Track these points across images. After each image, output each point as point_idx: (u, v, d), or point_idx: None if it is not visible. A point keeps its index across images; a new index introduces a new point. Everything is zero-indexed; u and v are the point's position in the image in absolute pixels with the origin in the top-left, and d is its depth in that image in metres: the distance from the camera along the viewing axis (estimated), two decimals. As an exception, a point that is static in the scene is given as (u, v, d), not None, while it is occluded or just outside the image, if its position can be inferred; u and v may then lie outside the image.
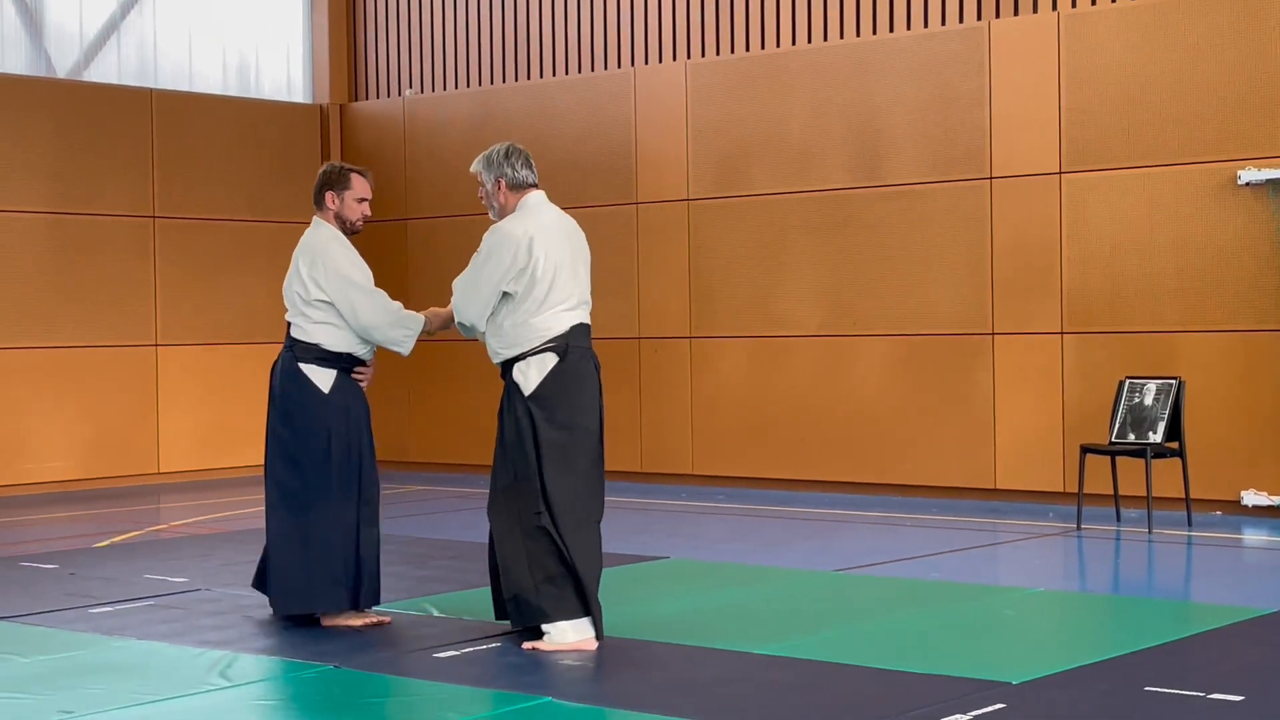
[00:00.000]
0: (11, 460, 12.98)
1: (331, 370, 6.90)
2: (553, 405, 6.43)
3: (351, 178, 7.05)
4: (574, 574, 6.36)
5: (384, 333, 6.91)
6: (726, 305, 12.76)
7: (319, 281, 6.87)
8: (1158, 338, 10.87)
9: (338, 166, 7.13)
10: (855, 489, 12.15)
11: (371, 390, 7.13)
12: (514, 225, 6.55)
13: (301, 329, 6.92)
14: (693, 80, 12.94)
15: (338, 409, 6.89)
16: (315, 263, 6.89)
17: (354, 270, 6.91)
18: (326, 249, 6.92)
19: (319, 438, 6.86)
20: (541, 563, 6.37)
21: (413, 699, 5.66)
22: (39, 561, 9.04)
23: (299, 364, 6.90)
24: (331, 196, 7.02)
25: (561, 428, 6.42)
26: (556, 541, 6.35)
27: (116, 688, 5.86)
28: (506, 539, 6.46)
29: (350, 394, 6.95)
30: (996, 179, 11.49)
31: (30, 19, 13.61)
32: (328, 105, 15.17)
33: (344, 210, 7.02)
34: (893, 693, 5.63)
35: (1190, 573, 8.82)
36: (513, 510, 6.45)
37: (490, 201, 6.73)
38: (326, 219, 7.03)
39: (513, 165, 6.71)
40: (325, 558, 6.84)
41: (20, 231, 13.07)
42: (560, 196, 13.75)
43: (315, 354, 6.90)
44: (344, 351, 6.93)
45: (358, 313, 6.86)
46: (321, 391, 6.89)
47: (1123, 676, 5.81)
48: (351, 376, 6.96)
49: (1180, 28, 10.77)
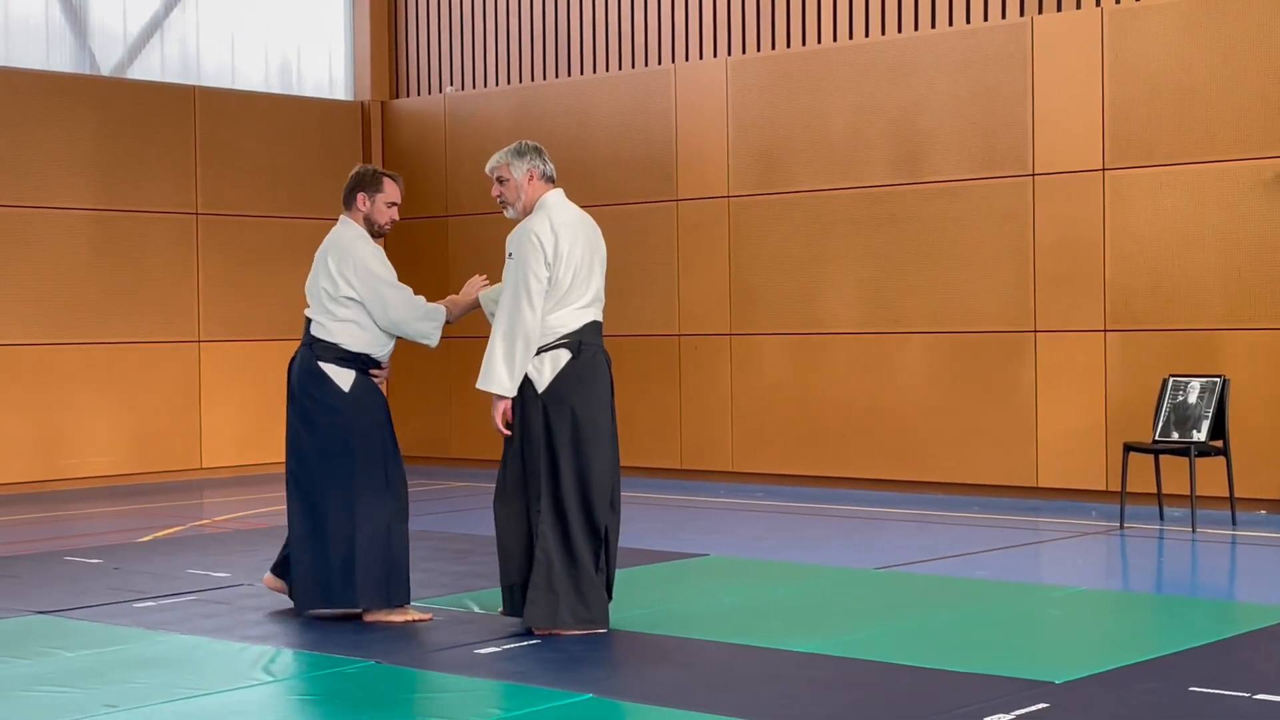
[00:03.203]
0: (56, 455, 13.08)
1: (351, 370, 6.95)
2: (565, 401, 6.54)
3: (384, 181, 7.11)
4: (577, 568, 6.53)
5: (413, 326, 6.99)
6: (767, 302, 12.74)
7: (348, 278, 6.92)
8: (1202, 335, 10.79)
9: (371, 169, 7.20)
10: (896, 486, 12.12)
11: (413, 386, 7.20)
12: (539, 225, 6.60)
13: (324, 327, 6.97)
14: (734, 77, 12.93)
15: (359, 408, 6.93)
16: (344, 259, 6.94)
17: (382, 268, 6.99)
18: (355, 246, 6.97)
19: (342, 437, 6.91)
20: (546, 558, 6.50)
21: (454, 695, 5.67)
22: (83, 556, 9.10)
23: (319, 363, 6.95)
24: (363, 198, 7.06)
25: (574, 424, 6.53)
26: (560, 537, 6.51)
27: (160, 682, 5.89)
28: (511, 530, 6.61)
29: (369, 393, 6.99)
30: (1039, 175, 11.43)
31: (75, 17, 13.70)
32: (369, 102, 15.22)
33: (373, 213, 7.06)
34: (934, 692, 5.61)
35: (1234, 572, 8.76)
36: (520, 503, 6.59)
37: (516, 194, 6.76)
38: (355, 219, 7.08)
39: (543, 159, 6.82)
40: (349, 556, 6.86)
41: (65, 228, 13.16)
42: (600, 193, 13.85)
43: (336, 353, 6.95)
44: (362, 352, 6.98)
45: (388, 308, 6.92)
46: (342, 390, 6.93)
47: (1166, 676, 5.77)
48: (370, 375, 7.00)
49: (1224, 22, 10.69)
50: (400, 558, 6.96)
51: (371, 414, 6.97)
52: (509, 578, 6.68)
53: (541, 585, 6.52)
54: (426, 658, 6.27)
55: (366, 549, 6.87)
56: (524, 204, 6.76)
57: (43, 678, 5.94)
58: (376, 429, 6.97)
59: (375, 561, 6.89)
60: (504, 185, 6.79)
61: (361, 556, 6.87)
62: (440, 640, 6.59)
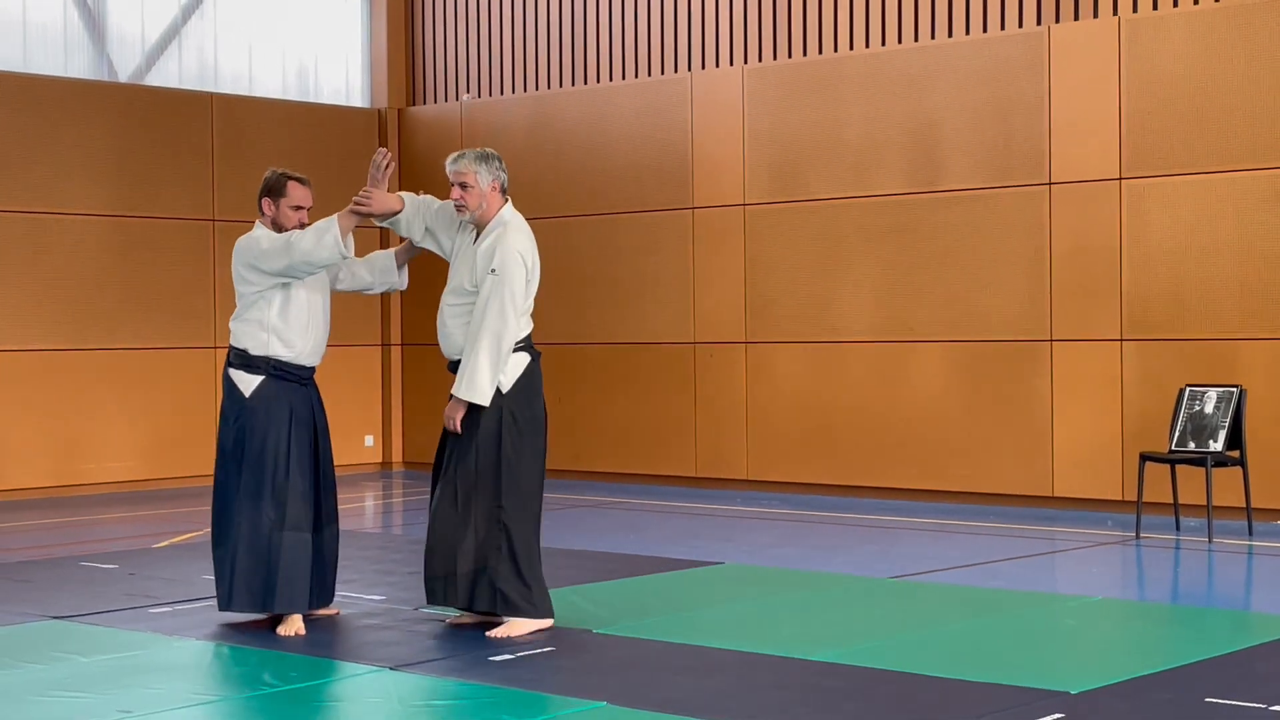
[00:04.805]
0: (72, 460, 13.11)
1: (256, 375, 6.94)
2: (524, 402, 6.79)
3: (288, 185, 7.03)
4: (539, 561, 6.79)
5: (314, 250, 6.76)
6: (782, 310, 12.73)
7: (247, 267, 6.91)
8: (1219, 345, 10.77)
9: (277, 174, 7.09)
10: (911, 495, 12.10)
11: (422, 393, 7.21)
12: (523, 244, 6.78)
13: (233, 332, 7.05)
14: (750, 85, 12.93)
15: (254, 415, 6.90)
16: (240, 255, 6.97)
17: (269, 243, 6.89)
18: (251, 240, 6.96)
19: (237, 442, 6.92)
20: (505, 555, 6.69)
21: (467, 703, 5.67)
22: (99, 561, 9.12)
23: (228, 368, 7.03)
24: (268, 203, 7.04)
25: (529, 423, 6.79)
26: (515, 532, 6.70)
27: (174, 687, 5.90)
28: (463, 527, 6.71)
29: (274, 399, 6.93)
30: (1056, 184, 11.42)
31: (93, 24, 13.74)
32: (386, 110, 15.24)
33: (279, 217, 7.02)
34: (950, 701, 5.60)
35: (1251, 582, 8.73)
36: (474, 498, 6.72)
37: (479, 203, 6.83)
38: (265, 224, 7.05)
39: (504, 169, 6.93)
40: (231, 562, 6.89)
41: (82, 234, 13.20)
42: (616, 201, 13.85)
43: (241, 358, 6.99)
44: (267, 355, 6.95)
45: (289, 249, 6.79)
46: (243, 395, 6.96)
47: (1183, 687, 5.76)
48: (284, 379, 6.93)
49: (1241, 33, 10.67)
50: (287, 566, 6.85)
51: (267, 421, 6.90)
52: (444, 567, 6.75)
53: (510, 576, 6.70)
54: (440, 665, 6.27)
55: (244, 556, 6.87)
56: (484, 214, 6.81)
57: (58, 683, 5.95)
58: (271, 436, 6.89)
59: (252, 569, 6.87)
60: (467, 191, 6.81)
61: (240, 563, 6.88)
62: (454, 647, 6.59)
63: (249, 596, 6.90)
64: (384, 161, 6.83)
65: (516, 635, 6.70)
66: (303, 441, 6.98)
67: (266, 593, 6.87)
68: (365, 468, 14.85)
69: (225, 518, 6.95)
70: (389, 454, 15.01)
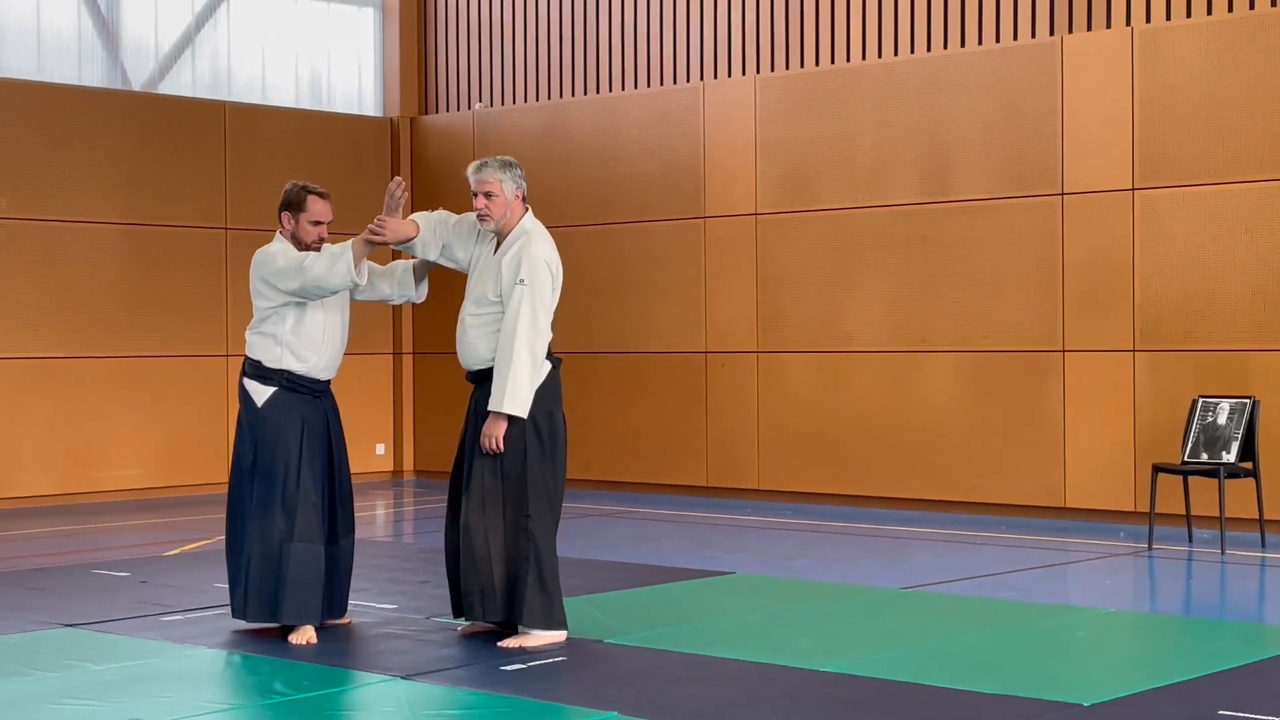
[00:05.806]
0: (84, 468, 13.13)
1: (270, 386, 6.96)
2: (546, 411, 6.78)
3: (308, 200, 7.00)
4: (552, 574, 6.73)
5: (326, 277, 6.78)
6: (794, 320, 12.73)
7: (265, 282, 6.91)
8: (1231, 356, 10.74)
9: (298, 187, 7.07)
10: (923, 506, 12.08)
11: (437, 402, 7.21)
12: (549, 254, 6.79)
13: (248, 342, 7.06)
14: (761, 94, 12.93)
15: (267, 425, 6.92)
16: (258, 269, 6.96)
17: (285, 261, 6.89)
18: (268, 255, 6.96)
19: (249, 453, 6.94)
20: (532, 564, 6.67)
21: (478, 712, 5.67)
22: (111, 569, 9.13)
23: (243, 377, 7.06)
24: (287, 217, 7.02)
25: (551, 431, 6.79)
26: (541, 542, 6.69)
27: (186, 696, 5.90)
28: (495, 538, 6.70)
29: (286, 409, 6.95)
30: (1068, 195, 11.41)
31: (107, 32, 13.78)
32: (398, 118, 15.27)
33: (299, 231, 7.01)
34: (961, 713, 5.59)
35: (1264, 594, 8.71)
36: (498, 510, 6.71)
37: (503, 212, 6.82)
38: (284, 237, 7.04)
39: (524, 178, 6.94)
40: (245, 571, 6.90)
41: (95, 241, 13.23)
42: (628, 210, 13.86)
43: (256, 369, 7.01)
44: (280, 368, 6.97)
45: (303, 271, 6.80)
46: (256, 405, 6.98)
47: (1195, 699, 5.74)
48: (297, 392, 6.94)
49: (1254, 44, 10.65)
50: (296, 578, 6.85)
51: (279, 431, 6.92)
52: (480, 581, 6.72)
53: (535, 586, 6.68)
54: (451, 674, 6.27)
55: (257, 566, 6.88)
56: (507, 223, 6.81)
57: (69, 691, 5.95)
58: (282, 446, 6.90)
59: (263, 579, 6.87)
60: (491, 200, 6.80)
61: (252, 572, 6.89)
62: (466, 656, 6.58)
63: (261, 606, 6.91)
64: (399, 192, 6.82)
65: (530, 646, 6.68)
66: (316, 452, 6.99)
67: (276, 603, 6.89)
68: (377, 476, 14.86)
69: (239, 527, 6.97)
70: (400, 462, 15.03)
